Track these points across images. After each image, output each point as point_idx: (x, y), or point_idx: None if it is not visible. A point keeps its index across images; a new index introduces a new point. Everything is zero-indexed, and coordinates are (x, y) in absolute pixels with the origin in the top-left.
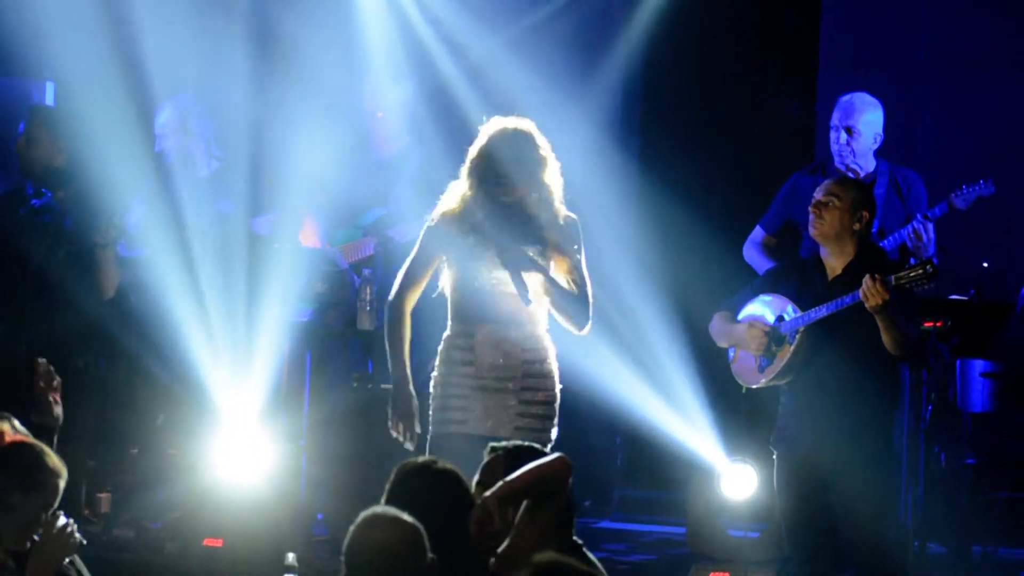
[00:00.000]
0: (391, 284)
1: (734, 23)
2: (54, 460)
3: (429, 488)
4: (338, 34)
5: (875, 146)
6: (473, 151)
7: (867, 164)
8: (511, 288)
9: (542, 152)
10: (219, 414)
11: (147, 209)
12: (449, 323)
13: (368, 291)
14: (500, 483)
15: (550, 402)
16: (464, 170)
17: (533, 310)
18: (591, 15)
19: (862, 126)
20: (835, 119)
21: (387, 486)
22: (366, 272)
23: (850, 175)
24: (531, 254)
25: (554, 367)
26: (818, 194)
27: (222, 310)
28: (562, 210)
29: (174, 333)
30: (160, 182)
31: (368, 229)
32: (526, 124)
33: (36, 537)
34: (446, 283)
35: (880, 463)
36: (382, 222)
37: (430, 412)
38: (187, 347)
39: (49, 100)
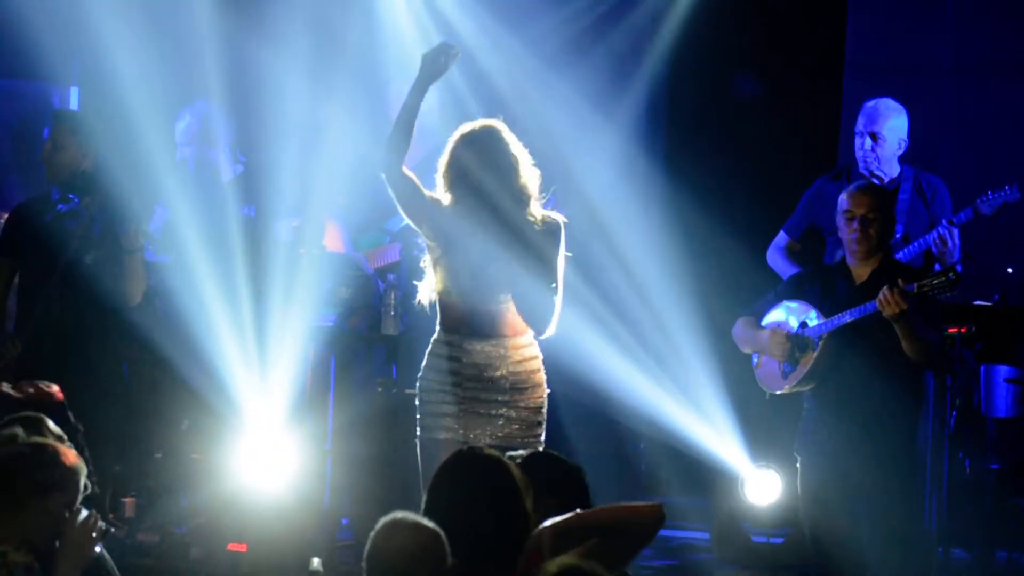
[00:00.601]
0: (415, 290)
1: (758, 30)
2: (71, 458)
3: (474, 475)
4: (365, 39)
5: (900, 152)
6: (442, 163)
7: (891, 170)
8: (494, 302)
9: (512, 154)
10: (244, 419)
11: (171, 214)
12: (437, 328)
13: (392, 296)
14: (570, 514)
15: (538, 407)
16: (437, 180)
17: (515, 319)
18: (617, 24)
19: (887, 132)
20: (860, 125)
21: (433, 475)
22: (391, 277)
23: (874, 181)
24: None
25: (542, 374)
26: (857, 209)
27: (246, 315)
28: (539, 213)
29: (198, 338)
30: (184, 187)
31: (394, 234)
32: (492, 126)
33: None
34: (428, 290)
35: (904, 469)
36: (409, 227)
37: (417, 416)
38: (212, 352)
39: (73, 105)
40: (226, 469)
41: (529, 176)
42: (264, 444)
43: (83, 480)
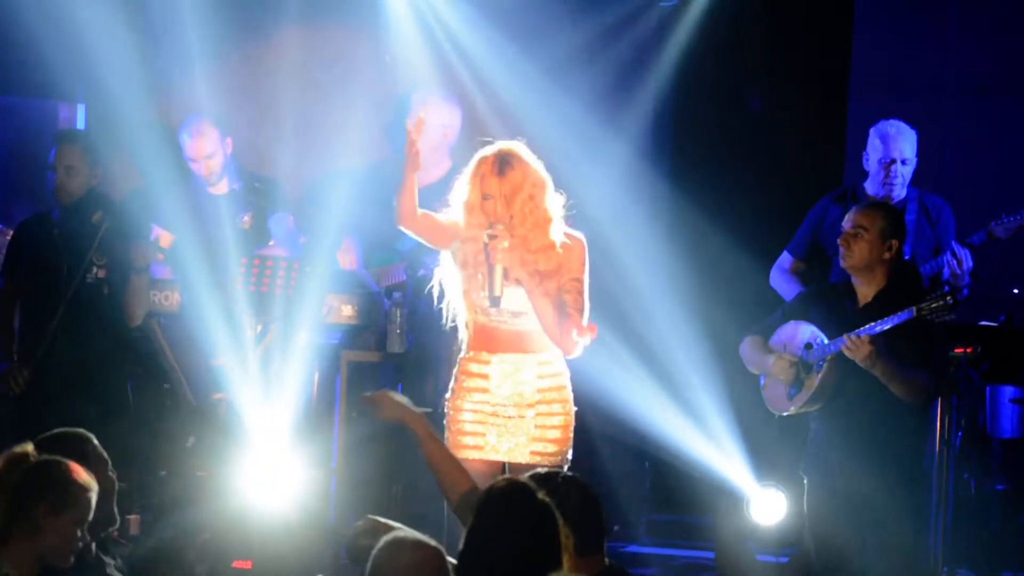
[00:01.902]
0: (421, 308)
1: (765, 48)
2: (83, 475)
3: (522, 516)
4: (377, 54)
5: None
6: (465, 189)
7: (902, 192)
8: (522, 321)
9: (536, 179)
10: (249, 436)
11: (175, 230)
12: (464, 347)
13: (398, 314)
14: None
15: (565, 426)
16: (456, 202)
17: (541, 336)
18: (623, 40)
19: (910, 153)
20: (885, 152)
21: (480, 502)
22: (396, 295)
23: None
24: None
25: (569, 391)
26: (846, 224)
27: (252, 332)
28: (559, 235)
29: (203, 355)
30: (187, 203)
31: (405, 254)
32: (514, 151)
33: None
34: (457, 311)
35: (910, 489)
36: (420, 248)
37: (445, 436)
38: (217, 369)
39: (80, 122)
40: (231, 486)
41: (551, 200)
42: (270, 461)
43: (94, 497)
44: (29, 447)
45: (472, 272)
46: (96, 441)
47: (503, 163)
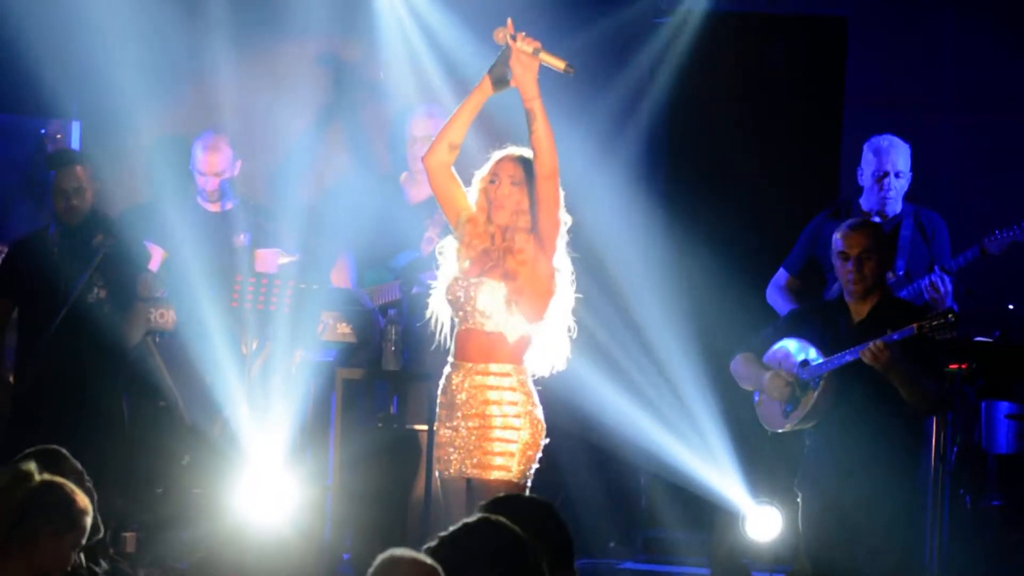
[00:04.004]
0: (416, 326)
1: (760, 65)
2: (83, 498)
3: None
4: (372, 70)
5: (907, 188)
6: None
7: (896, 206)
8: (490, 325)
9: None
10: (245, 454)
11: (169, 247)
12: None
13: (393, 331)
14: None
15: (522, 444)
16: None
17: (513, 349)
18: (618, 57)
19: (903, 167)
20: (878, 165)
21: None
22: (391, 313)
23: (875, 218)
24: None
25: (529, 411)
26: (851, 249)
27: (247, 350)
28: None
29: (199, 373)
30: (183, 219)
31: (399, 272)
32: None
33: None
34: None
35: (905, 506)
36: (414, 266)
37: None
38: (212, 387)
39: (75, 140)
40: (227, 504)
41: (561, 218)
42: (265, 479)
43: (90, 520)
44: (32, 465)
45: (467, 245)
46: (70, 455)
47: (527, 158)
